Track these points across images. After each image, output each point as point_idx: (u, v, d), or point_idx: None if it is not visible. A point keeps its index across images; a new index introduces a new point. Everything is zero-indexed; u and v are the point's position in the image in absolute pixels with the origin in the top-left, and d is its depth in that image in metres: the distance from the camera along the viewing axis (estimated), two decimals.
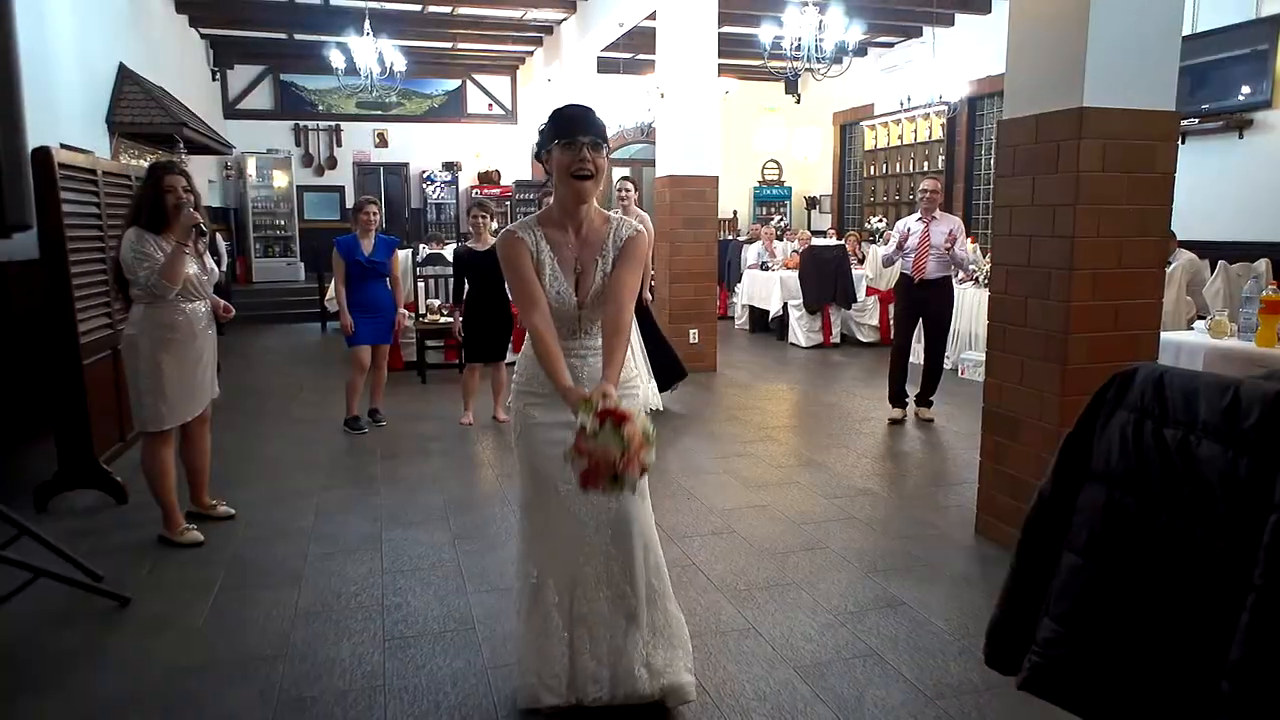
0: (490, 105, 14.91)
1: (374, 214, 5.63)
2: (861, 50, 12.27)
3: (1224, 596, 1.18)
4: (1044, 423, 3.49)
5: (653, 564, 2.35)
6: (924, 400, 6.04)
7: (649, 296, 6.38)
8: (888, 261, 6.24)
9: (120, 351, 3.90)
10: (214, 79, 13.23)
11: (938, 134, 11.76)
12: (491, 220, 5.89)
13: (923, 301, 5.91)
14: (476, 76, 14.73)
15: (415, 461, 5.03)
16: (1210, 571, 1.21)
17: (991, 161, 10.90)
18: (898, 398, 6.00)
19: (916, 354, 6.20)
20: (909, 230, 5.89)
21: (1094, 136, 3.27)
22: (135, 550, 3.65)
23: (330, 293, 8.94)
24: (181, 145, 8.92)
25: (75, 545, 3.42)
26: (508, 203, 14.07)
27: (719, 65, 8.08)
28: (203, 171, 11.90)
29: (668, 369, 6.09)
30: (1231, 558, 1.18)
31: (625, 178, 6.64)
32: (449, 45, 13.17)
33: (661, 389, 6.09)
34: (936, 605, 3.15)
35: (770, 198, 15.14)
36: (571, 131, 2.11)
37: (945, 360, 7.82)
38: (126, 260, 3.50)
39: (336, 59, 10.41)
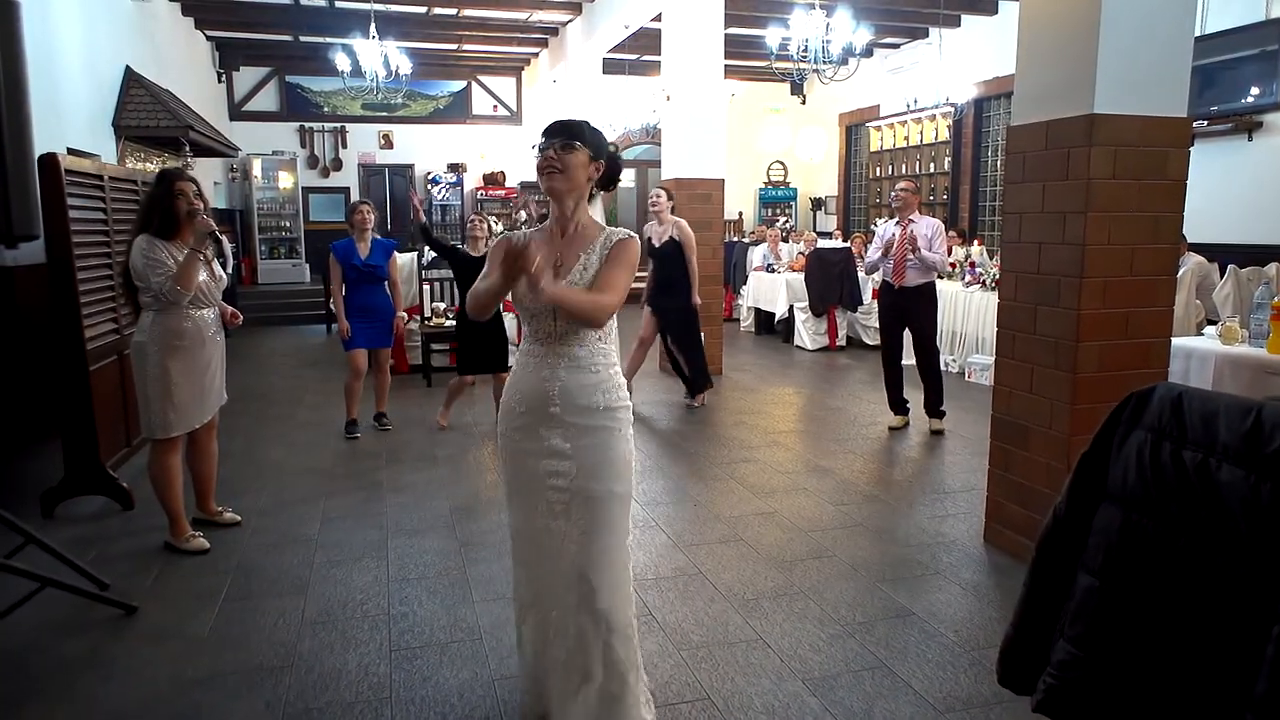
0: (495, 107, 14.90)
1: (368, 214, 5.58)
2: (868, 51, 12.20)
3: (1246, 625, 1.16)
4: (1053, 431, 3.47)
5: (620, 630, 2.18)
6: (934, 411, 5.75)
7: (698, 300, 6.37)
8: (870, 269, 6.02)
9: (127, 357, 3.90)
10: (219, 81, 13.24)
11: (944, 135, 11.73)
12: (496, 224, 5.84)
13: (905, 309, 5.69)
14: (482, 78, 14.73)
15: (421, 467, 5.02)
16: (1231, 598, 1.19)
17: (998, 163, 10.86)
18: (898, 405, 5.90)
19: (909, 355, 6.05)
20: (886, 235, 5.71)
21: (1105, 143, 3.25)
22: (141, 557, 3.65)
23: None
24: (187, 148, 8.92)
25: (81, 552, 3.43)
26: (511, 204, 14.05)
27: (725, 67, 8.05)
28: (208, 173, 11.92)
29: (699, 377, 6.54)
30: (1254, 585, 1.16)
31: (661, 186, 6.65)
32: (454, 47, 13.17)
33: (693, 394, 6.57)
34: (945, 615, 3.13)
35: (775, 199, 15.11)
36: (545, 135, 2.22)
37: (951, 364, 7.80)
38: (138, 267, 3.48)
39: (342, 61, 10.42)
